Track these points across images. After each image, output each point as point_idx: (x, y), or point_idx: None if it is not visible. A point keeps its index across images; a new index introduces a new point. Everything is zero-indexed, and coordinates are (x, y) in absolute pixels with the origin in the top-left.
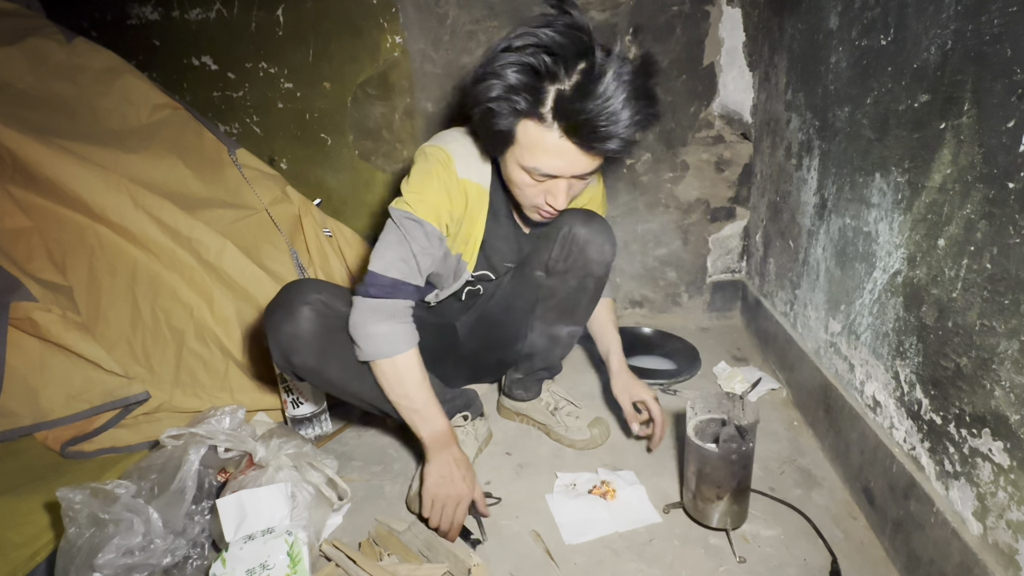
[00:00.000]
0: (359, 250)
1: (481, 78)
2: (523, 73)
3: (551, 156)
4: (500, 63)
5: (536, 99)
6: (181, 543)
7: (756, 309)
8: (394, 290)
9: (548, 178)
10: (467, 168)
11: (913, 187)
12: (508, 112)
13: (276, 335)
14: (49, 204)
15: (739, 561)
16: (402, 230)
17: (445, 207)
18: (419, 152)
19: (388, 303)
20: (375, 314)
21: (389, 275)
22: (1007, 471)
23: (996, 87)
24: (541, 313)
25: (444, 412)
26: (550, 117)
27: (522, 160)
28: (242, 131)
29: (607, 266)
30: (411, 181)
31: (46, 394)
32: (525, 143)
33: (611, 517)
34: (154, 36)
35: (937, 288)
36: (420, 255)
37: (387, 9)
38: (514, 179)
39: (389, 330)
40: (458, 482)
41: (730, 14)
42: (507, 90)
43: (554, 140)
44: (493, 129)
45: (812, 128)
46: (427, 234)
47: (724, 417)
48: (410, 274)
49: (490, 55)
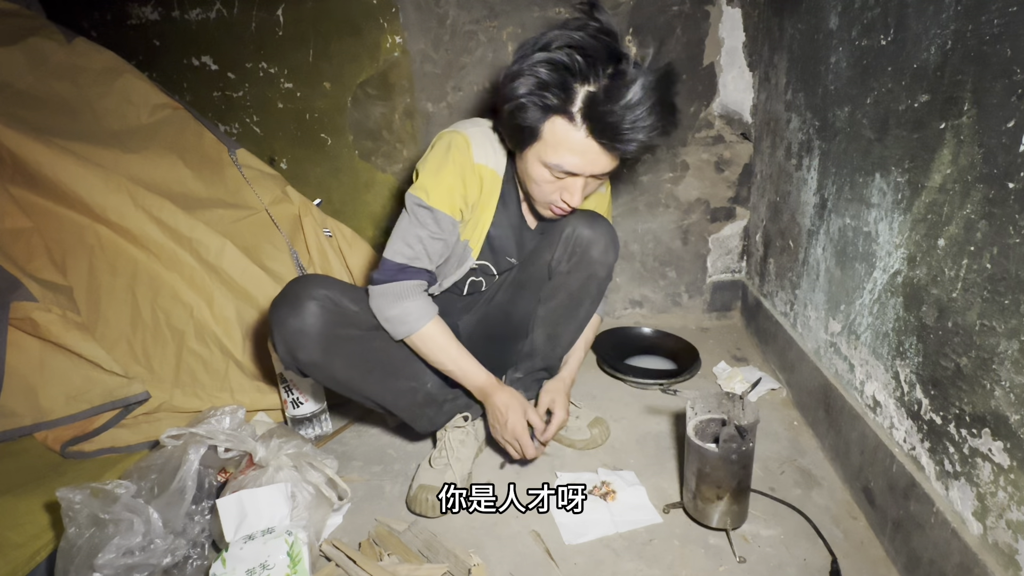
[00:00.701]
0: (359, 250)
1: (515, 74)
2: (556, 71)
3: (575, 154)
4: (534, 61)
5: (567, 97)
6: (181, 543)
7: (756, 309)
8: (401, 273)
9: (567, 175)
10: (484, 153)
11: (913, 187)
12: (538, 108)
13: (282, 330)
14: (49, 204)
15: (739, 561)
16: (413, 217)
17: (459, 192)
18: (438, 136)
19: (395, 286)
20: (385, 299)
21: (395, 260)
22: (1007, 471)
23: (996, 87)
24: (543, 313)
25: (477, 365)
26: (579, 116)
27: (545, 156)
28: (242, 131)
29: (610, 267)
30: (427, 164)
31: (46, 394)
32: (551, 140)
33: (611, 518)
34: (154, 36)
35: (937, 288)
36: (428, 240)
37: (387, 9)
38: (533, 175)
39: (401, 311)
40: (509, 423)
41: (730, 14)
42: (539, 86)
43: (580, 139)
44: (521, 124)
45: (812, 128)
46: (437, 220)
47: (724, 417)
48: (416, 258)
49: (523, 52)
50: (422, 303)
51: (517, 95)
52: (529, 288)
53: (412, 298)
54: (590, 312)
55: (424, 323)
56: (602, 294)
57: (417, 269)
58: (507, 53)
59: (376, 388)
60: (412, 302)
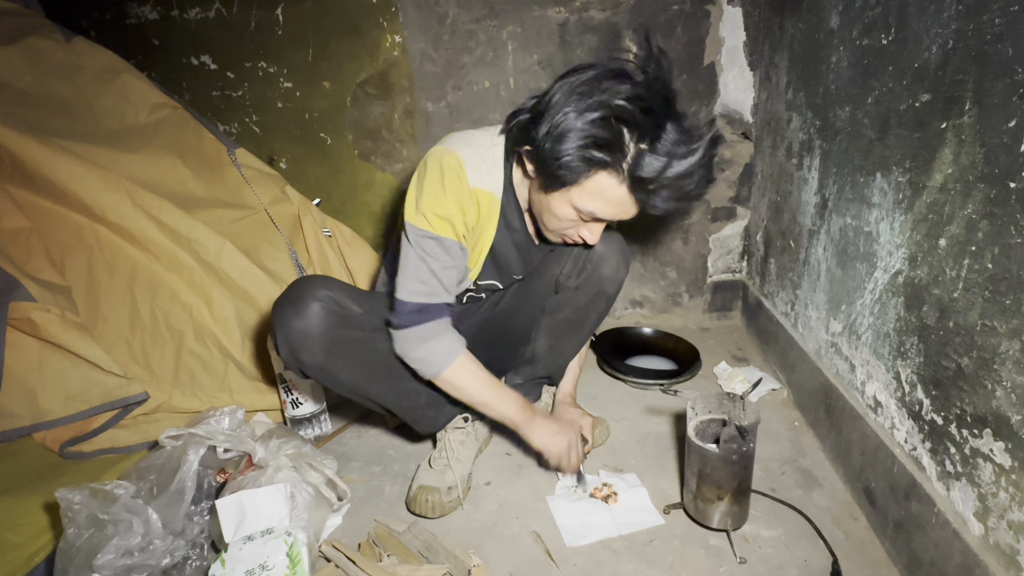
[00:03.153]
0: (358, 250)
1: (564, 128)
2: (611, 130)
3: (611, 204)
4: (589, 119)
5: (619, 154)
6: (180, 544)
7: (757, 309)
8: (421, 315)
9: (595, 220)
10: (479, 176)
11: (914, 187)
12: (584, 162)
13: (285, 332)
14: (48, 204)
15: (740, 562)
16: (419, 250)
17: (460, 219)
18: (430, 156)
19: (416, 330)
20: (408, 342)
21: (412, 301)
22: (1008, 472)
23: (997, 86)
24: (547, 325)
25: (509, 390)
26: (625, 172)
27: (578, 202)
28: (241, 131)
29: (620, 284)
30: (424, 191)
31: (45, 394)
32: (590, 189)
33: (613, 520)
34: (153, 35)
35: (938, 288)
36: (441, 271)
37: (387, 8)
38: (556, 212)
39: (426, 352)
40: (561, 437)
41: (731, 13)
42: (593, 145)
43: (621, 192)
44: (560, 175)
45: (813, 128)
46: (446, 248)
47: (725, 417)
48: (433, 294)
49: (571, 91)
50: (447, 341)
51: (565, 151)
52: (534, 299)
53: (436, 338)
54: (595, 325)
55: (449, 362)
56: (609, 309)
57: (437, 306)
58: (507, 52)
59: (379, 390)
60: (437, 342)
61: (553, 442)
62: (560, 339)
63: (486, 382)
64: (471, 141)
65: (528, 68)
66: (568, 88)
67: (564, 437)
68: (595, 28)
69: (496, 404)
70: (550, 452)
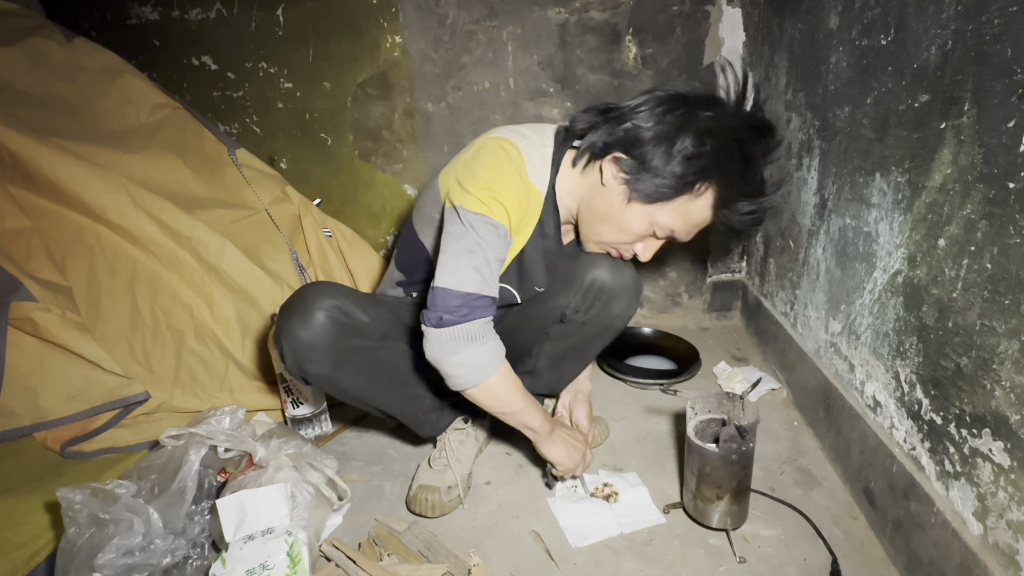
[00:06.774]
0: (359, 250)
1: (677, 137)
2: (734, 168)
3: (692, 226)
4: (706, 130)
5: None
6: (181, 543)
7: (756, 309)
8: (468, 309)
9: (664, 238)
10: (535, 172)
11: (913, 187)
12: (690, 186)
13: (291, 342)
14: (49, 204)
15: (739, 561)
16: (476, 234)
17: (515, 209)
18: (486, 142)
19: (464, 328)
20: (453, 343)
21: (462, 290)
22: (1007, 471)
23: (996, 87)
24: (550, 348)
25: (535, 400)
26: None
27: (663, 218)
28: (242, 131)
29: (628, 320)
30: (483, 173)
31: (46, 394)
32: (680, 210)
33: (615, 519)
34: (154, 36)
35: (937, 288)
36: (495, 263)
37: (387, 9)
38: (627, 226)
39: (474, 355)
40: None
41: (730, 14)
42: (706, 164)
43: (707, 216)
44: (664, 187)
45: (812, 128)
46: (500, 237)
47: (724, 417)
48: (485, 285)
49: (689, 110)
50: (493, 345)
51: (679, 167)
52: (535, 323)
53: (485, 339)
54: (598, 351)
55: (495, 369)
56: (614, 338)
57: (487, 300)
58: (507, 53)
59: (384, 397)
60: (486, 343)
61: (567, 456)
62: (562, 362)
63: (522, 390)
64: (524, 135)
65: (528, 68)
66: (677, 104)
67: (578, 452)
68: (595, 28)
69: (524, 413)
70: (566, 467)
